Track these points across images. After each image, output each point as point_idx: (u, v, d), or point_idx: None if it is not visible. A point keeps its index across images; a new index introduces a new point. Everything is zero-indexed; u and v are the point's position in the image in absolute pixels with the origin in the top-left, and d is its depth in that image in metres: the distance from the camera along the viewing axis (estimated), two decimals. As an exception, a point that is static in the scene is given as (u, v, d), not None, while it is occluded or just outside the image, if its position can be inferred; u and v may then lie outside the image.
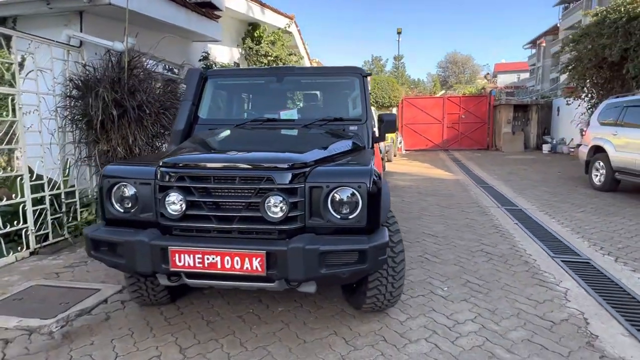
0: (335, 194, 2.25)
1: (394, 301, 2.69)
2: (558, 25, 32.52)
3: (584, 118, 12.15)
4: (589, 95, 11.44)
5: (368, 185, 2.22)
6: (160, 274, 2.32)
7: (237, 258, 2.15)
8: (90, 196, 4.80)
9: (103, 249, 2.39)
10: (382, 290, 2.56)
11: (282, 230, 2.23)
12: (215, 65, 7.40)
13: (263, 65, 9.01)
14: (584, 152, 8.02)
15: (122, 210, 2.44)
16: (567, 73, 11.99)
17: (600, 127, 7.56)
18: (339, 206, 2.25)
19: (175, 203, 2.29)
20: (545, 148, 15.14)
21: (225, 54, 8.48)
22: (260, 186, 2.22)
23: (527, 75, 46.22)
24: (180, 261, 2.19)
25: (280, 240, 2.23)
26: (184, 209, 2.26)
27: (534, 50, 39.77)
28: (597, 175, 7.56)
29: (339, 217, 2.26)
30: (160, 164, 2.37)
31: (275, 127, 3.31)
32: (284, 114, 3.47)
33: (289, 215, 2.20)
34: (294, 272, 2.12)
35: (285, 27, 9.72)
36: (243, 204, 2.25)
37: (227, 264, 2.16)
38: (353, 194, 2.24)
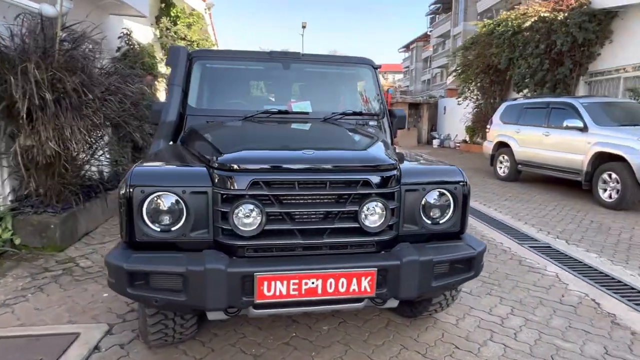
0: (427, 197, 2.04)
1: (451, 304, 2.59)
2: (429, 33, 36.55)
3: (469, 117, 13.86)
4: (476, 97, 13.08)
5: (463, 186, 2.07)
6: (238, 308, 1.81)
7: (342, 279, 1.78)
8: (2, 207, 3.60)
9: (145, 284, 1.75)
10: (447, 296, 2.44)
11: (380, 241, 1.93)
12: (139, 46, 6.29)
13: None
14: (489, 147, 9.09)
15: (158, 230, 1.83)
16: (457, 76, 13.49)
17: (504, 126, 8.66)
18: (430, 210, 2.05)
19: (249, 216, 1.80)
20: (435, 143, 16.89)
21: (139, 33, 7.28)
22: (357, 191, 1.88)
23: (401, 76, 51.01)
24: (269, 290, 1.73)
25: (377, 253, 1.93)
26: (262, 223, 1.79)
27: (407, 54, 44.05)
28: (501, 167, 8.66)
29: (429, 222, 2.06)
30: (221, 165, 1.85)
31: (288, 120, 2.90)
32: (296, 106, 3.07)
33: (389, 223, 1.92)
34: (406, 289, 1.85)
35: (206, 9, 8.81)
36: (335, 213, 1.88)
37: (330, 287, 1.78)
38: (444, 196, 2.06)
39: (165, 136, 2.81)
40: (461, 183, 2.07)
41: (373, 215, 1.90)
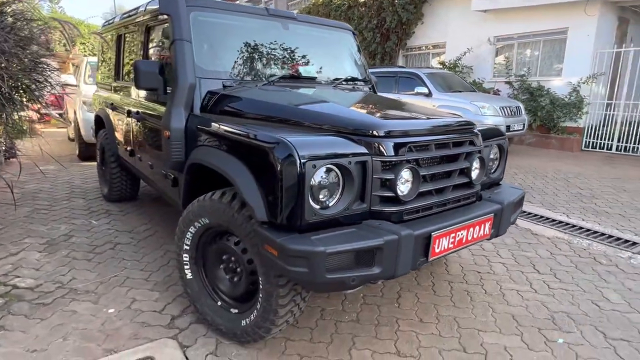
0: (490, 152, 2.43)
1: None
2: None
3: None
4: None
5: (507, 140, 2.55)
6: (414, 269, 1.82)
7: (477, 227, 2.04)
8: None
9: (340, 266, 1.58)
10: None
11: (476, 192, 2.23)
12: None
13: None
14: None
15: (325, 206, 1.67)
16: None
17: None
18: (490, 163, 2.47)
19: (408, 181, 1.82)
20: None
21: None
22: (468, 150, 2.11)
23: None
24: (438, 247, 1.84)
25: (477, 202, 2.23)
26: (417, 186, 1.84)
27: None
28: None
29: (489, 173, 2.48)
30: (386, 133, 1.79)
31: (301, 85, 2.78)
32: (303, 70, 2.92)
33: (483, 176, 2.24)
34: (504, 227, 2.24)
35: None
36: (456, 170, 2.07)
37: (469, 235, 2.01)
38: (501, 150, 2.51)
39: (187, 104, 2.31)
40: (506, 139, 2.54)
41: (476, 170, 2.18)
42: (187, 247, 2.16)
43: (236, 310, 2.06)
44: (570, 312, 2.46)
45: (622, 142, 8.07)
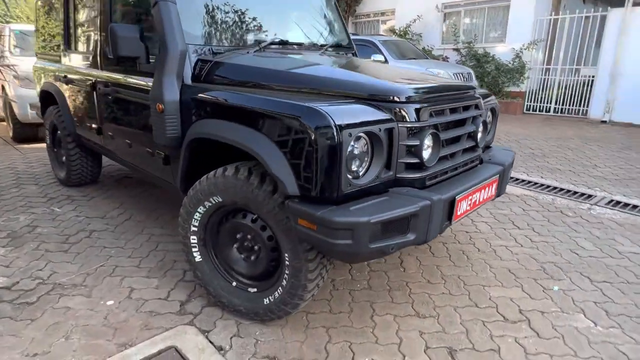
0: (487, 116, 2.50)
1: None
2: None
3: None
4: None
5: (497, 104, 2.63)
6: (440, 234, 1.84)
7: (487, 188, 2.10)
8: None
9: (379, 235, 1.55)
10: None
11: (478, 156, 2.30)
12: None
13: None
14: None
15: (357, 176, 1.63)
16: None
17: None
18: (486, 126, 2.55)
19: (429, 146, 1.82)
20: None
21: None
22: (474, 113, 2.15)
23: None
24: (459, 210, 1.88)
25: (479, 165, 2.29)
26: (439, 151, 1.85)
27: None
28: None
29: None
30: (408, 98, 1.75)
31: (291, 51, 2.65)
32: (291, 36, 2.76)
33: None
34: (504, 187, 2.34)
35: None
36: (464, 134, 2.10)
37: (481, 197, 2.07)
38: (494, 114, 2.58)
39: (178, 74, 2.10)
40: (496, 103, 2.62)
41: (480, 133, 2.23)
42: (195, 229, 2.02)
43: (255, 290, 1.99)
44: (556, 261, 2.67)
45: (559, 105, 8.74)
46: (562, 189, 4.15)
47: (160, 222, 3.14)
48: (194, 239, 2.04)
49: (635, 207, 3.68)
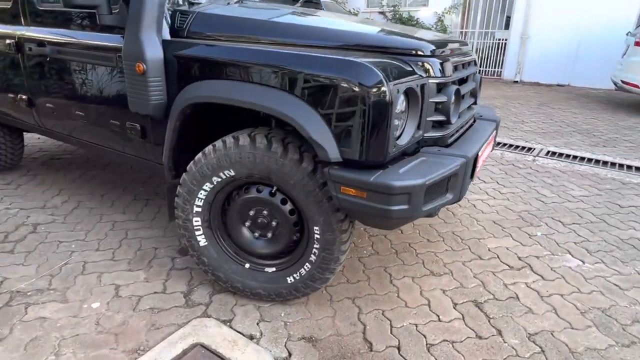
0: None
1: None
2: None
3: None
4: None
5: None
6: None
7: (491, 144, 2.15)
8: None
9: (431, 197, 1.47)
10: None
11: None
12: None
13: None
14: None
15: (402, 136, 1.53)
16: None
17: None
18: None
19: (452, 103, 1.76)
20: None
21: None
22: (474, 70, 2.14)
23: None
24: (477, 167, 1.87)
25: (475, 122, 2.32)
26: (458, 108, 1.81)
27: None
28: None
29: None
30: (434, 53, 1.64)
31: (266, 4, 2.39)
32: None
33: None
34: (495, 141, 2.41)
35: None
36: (468, 91, 2.08)
37: (487, 152, 2.09)
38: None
39: (158, 26, 1.74)
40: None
41: (477, 90, 2.24)
42: (199, 209, 1.76)
43: (273, 269, 1.82)
44: (529, 210, 2.88)
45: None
46: (505, 144, 4.48)
47: (118, 207, 2.73)
48: (198, 221, 1.78)
49: (568, 156, 4.12)
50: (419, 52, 1.66)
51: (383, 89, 1.35)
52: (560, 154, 4.16)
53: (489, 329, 1.73)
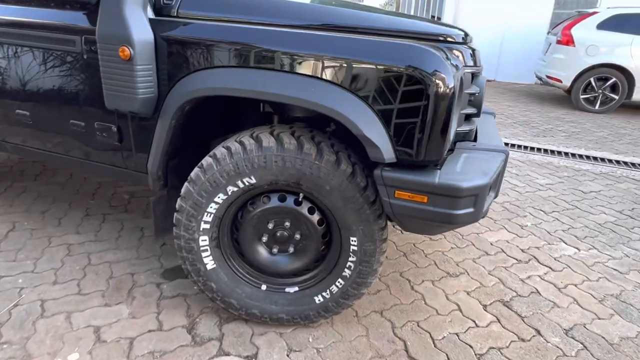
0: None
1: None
2: None
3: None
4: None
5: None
6: None
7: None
8: None
9: (463, 204, 1.32)
10: None
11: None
12: None
13: None
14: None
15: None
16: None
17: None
18: None
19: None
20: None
21: None
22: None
23: None
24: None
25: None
26: (483, 99, 1.71)
27: None
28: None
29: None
30: (459, 38, 1.49)
31: None
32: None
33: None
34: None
35: None
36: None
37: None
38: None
39: (144, 3, 1.39)
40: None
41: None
42: (207, 226, 1.45)
43: (295, 289, 1.57)
44: (510, 200, 2.93)
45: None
46: (461, 137, 4.60)
47: (68, 226, 2.25)
48: (205, 240, 1.47)
49: (520, 146, 4.34)
50: (450, 39, 1.52)
51: (450, 78, 1.18)
52: (513, 145, 4.37)
53: (527, 329, 1.67)
